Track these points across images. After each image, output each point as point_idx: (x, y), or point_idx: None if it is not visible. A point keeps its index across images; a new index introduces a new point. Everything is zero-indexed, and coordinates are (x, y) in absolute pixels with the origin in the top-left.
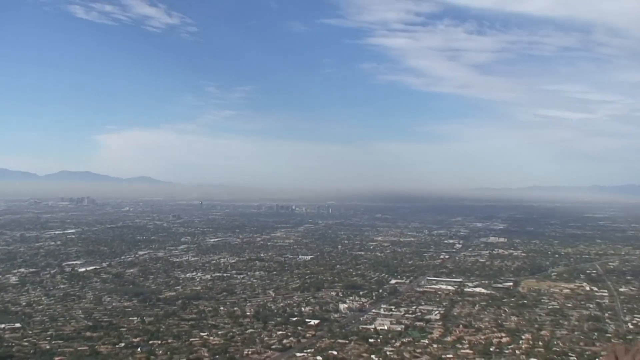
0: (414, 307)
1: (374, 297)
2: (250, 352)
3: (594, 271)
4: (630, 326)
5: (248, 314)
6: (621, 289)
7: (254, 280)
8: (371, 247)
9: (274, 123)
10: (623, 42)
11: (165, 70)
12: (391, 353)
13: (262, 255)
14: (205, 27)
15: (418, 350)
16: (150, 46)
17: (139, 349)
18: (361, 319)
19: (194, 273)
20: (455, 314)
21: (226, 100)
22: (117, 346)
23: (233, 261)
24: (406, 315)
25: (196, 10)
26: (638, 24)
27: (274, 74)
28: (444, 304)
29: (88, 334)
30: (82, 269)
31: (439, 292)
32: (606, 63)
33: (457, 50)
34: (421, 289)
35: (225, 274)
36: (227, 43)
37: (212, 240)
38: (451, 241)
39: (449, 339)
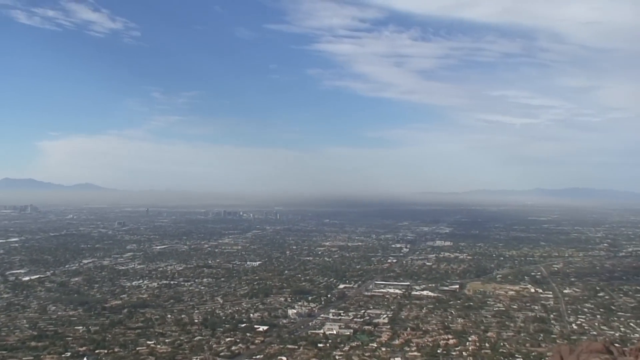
0: (362, 311)
1: (323, 302)
2: None
3: (539, 273)
4: (575, 327)
5: (196, 321)
6: (565, 291)
7: (202, 287)
8: (319, 252)
9: (221, 128)
10: (565, 47)
11: (109, 75)
12: (340, 357)
13: (209, 262)
14: (150, 31)
15: (367, 354)
16: (93, 51)
17: (85, 359)
18: (310, 324)
19: (140, 281)
20: (402, 317)
21: (171, 106)
22: (62, 356)
23: (180, 268)
24: (355, 319)
25: (140, 15)
26: (579, 30)
27: (220, 79)
28: (392, 307)
29: (33, 343)
30: (26, 278)
31: (387, 296)
32: (548, 69)
33: (403, 56)
34: (369, 293)
35: (172, 282)
36: (171, 48)
37: (158, 247)
38: (398, 245)
39: (396, 342)
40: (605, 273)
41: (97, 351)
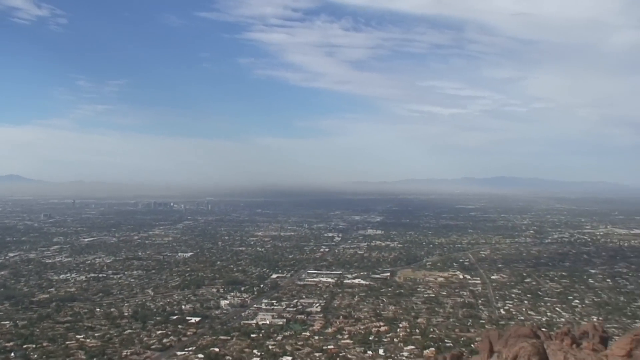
0: (295, 300)
1: (255, 292)
2: (129, 353)
3: (467, 260)
4: (503, 312)
5: (126, 314)
6: (493, 277)
7: (132, 280)
8: (252, 243)
9: (151, 118)
10: (493, 39)
11: (34, 63)
12: (273, 347)
13: (139, 254)
14: (76, 18)
15: (300, 343)
16: (18, 39)
17: (12, 354)
18: (243, 314)
19: (68, 274)
20: (335, 305)
21: (99, 95)
22: None
23: (109, 261)
24: (287, 309)
25: (67, 1)
26: (507, 22)
27: (149, 68)
28: (325, 296)
29: None
30: None
31: (320, 285)
32: (477, 60)
33: (334, 46)
34: (302, 283)
35: (101, 275)
36: (99, 35)
37: (86, 239)
38: (331, 234)
39: (329, 330)
40: (531, 259)
41: (25, 346)
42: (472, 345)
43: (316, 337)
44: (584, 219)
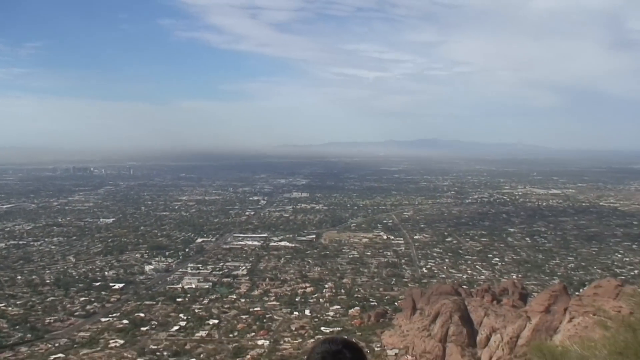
0: (221, 264)
1: (181, 257)
2: (52, 320)
3: (390, 221)
4: (425, 271)
5: (48, 281)
6: (416, 237)
7: (53, 247)
8: (176, 207)
9: (69, 81)
10: (415, 3)
11: None
12: (199, 310)
13: (59, 220)
14: None
15: (226, 306)
16: None
17: None
18: (168, 279)
19: None
20: (261, 268)
21: (14, 57)
22: None
23: (29, 228)
24: (213, 272)
25: None
26: None
27: (67, 30)
28: (250, 259)
29: None
30: None
31: (245, 248)
32: (399, 23)
33: (258, 8)
34: (227, 246)
35: (21, 242)
36: None
37: (4, 206)
38: (256, 198)
39: (255, 292)
40: (452, 219)
41: None
42: (396, 304)
43: (242, 300)
44: (503, 180)
